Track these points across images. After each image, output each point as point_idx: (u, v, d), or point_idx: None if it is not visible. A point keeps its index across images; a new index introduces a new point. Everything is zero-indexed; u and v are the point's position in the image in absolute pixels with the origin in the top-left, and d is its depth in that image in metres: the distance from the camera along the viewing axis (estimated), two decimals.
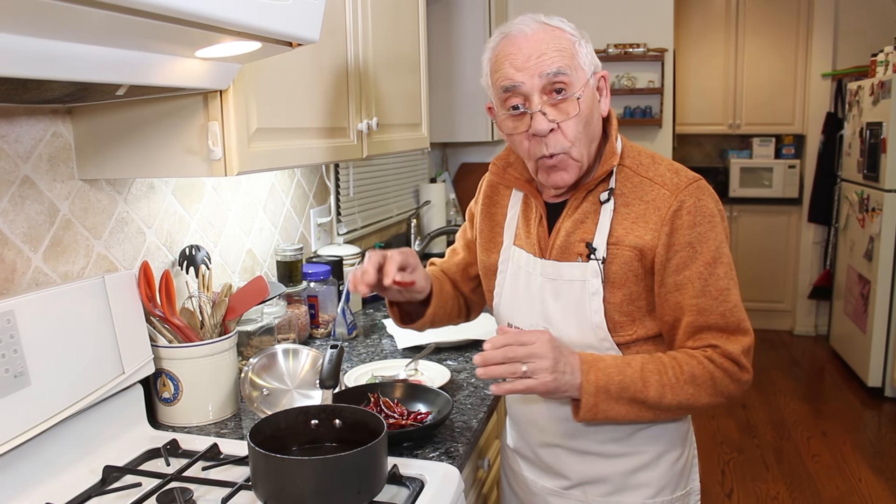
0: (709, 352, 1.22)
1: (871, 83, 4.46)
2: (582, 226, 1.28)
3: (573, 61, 1.21)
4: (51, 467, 1.25)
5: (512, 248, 1.40)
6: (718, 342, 1.22)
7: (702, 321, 1.23)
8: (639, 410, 1.21)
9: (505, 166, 1.41)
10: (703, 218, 1.23)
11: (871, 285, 4.36)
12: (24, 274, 1.31)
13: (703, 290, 1.22)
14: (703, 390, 1.21)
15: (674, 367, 1.21)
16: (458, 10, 3.46)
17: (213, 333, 1.55)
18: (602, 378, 1.18)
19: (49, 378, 1.22)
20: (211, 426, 1.51)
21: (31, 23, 0.80)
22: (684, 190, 1.24)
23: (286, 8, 1.01)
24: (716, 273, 1.23)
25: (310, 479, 1.06)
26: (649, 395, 1.19)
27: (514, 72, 1.20)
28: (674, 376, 1.20)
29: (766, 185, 5.66)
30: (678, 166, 1.30)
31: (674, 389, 1.20)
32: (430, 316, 1.46)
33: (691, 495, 1.42)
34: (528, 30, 1.21)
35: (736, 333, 1.23)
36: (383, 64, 1.93)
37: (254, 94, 1.33)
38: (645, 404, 1.20)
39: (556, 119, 1.20)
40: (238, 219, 1.97)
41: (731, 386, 1.23)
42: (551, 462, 1.39)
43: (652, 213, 1.24)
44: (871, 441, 3.82)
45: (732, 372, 1.22)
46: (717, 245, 1.24)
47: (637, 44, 4.24)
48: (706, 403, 1.23)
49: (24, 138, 1.31)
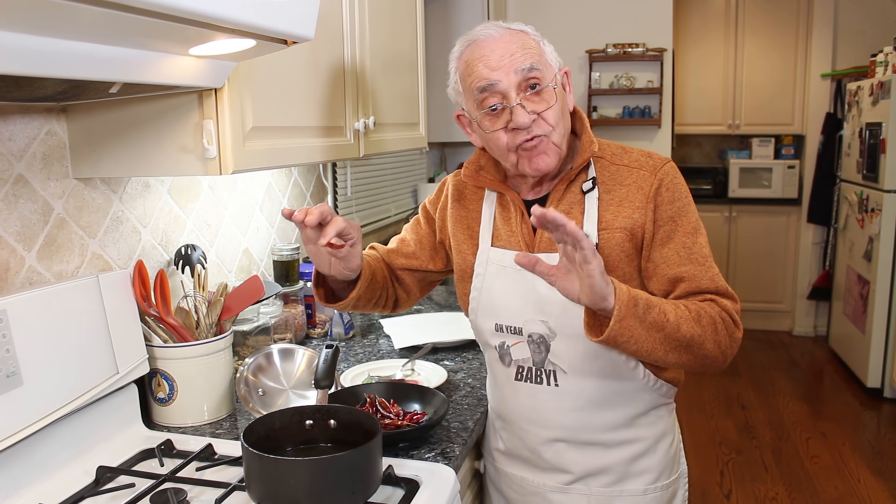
0: (709, 302, 1.27)
1: (871, 83, 4.46)
2: (569, 216, 1.30)
3: (542, 58, 1.28)
4: (44, 468, 1.24)
5: (491, 251, 1.40)
6: (714, 298, 1.27)
7: (694, 286, 1.27)
8: (656, 338, 1.18)
9: (477, 169, 1.43)
10: (679, 193, 1.31)
11: (871, 286, 4.36)
12: (18, 273, 1.31)
13: (689, 258, 1.28)
14: (708, 332, 1.23)
15: (685, 305, 1.24)
16: (457, 8, 3.46)
17: (209, 333, 1.55)
18: (633, 292, 1.16)
19: (42, 378, 1.21)
20: (206, 426, 1.50)
21: (22, 19, 0.79)
22: (661, 169, 1.31)
23: (281, 5, 1.01)
24: (698, 242, 1.29)
25: (304, 480, 1.06)
26: (669, 321, 1.18)
27: (489, 71, 1.25)
28: (686, 310, 1.22)
29: (766, 185, 5.65)
30: (648, 151, 1.36)
31: (687, 322, 1.21)
32: (354, 298, 1.40)
33: (681, 478, 1.48)
34: (495, 33, 1.28)
35: (726, 295, 1.28)
36: (380, 62, 1.92)
37: (249, 92, 1.32)
38: (664, 331, 1.18)
39: (536, 110, 1.25)
40: (234, 218, 1.96)
41: (728, 340, 1.26)
42: (552, 458, 1.39)
43: (635, 193, 1.30)
44: (871, 442, 3.81)
45: (728, 324, 1.26)
46: (695, 217, 1.31)
47: (636, 43, 4.24)
48: (709, 351, 1.23)
49: (17, 136, 1.30)
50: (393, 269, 1.54)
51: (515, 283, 1.35)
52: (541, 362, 1.35)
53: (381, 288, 1.47)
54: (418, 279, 1.56)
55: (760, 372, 4.88)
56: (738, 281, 5.66)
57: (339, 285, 1.41)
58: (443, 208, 1.52)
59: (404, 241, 1.56)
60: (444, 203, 1.52)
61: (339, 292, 1.43)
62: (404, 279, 1.54)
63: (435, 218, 1.53)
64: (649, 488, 1.39)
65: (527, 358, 1.36)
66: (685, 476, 1.50)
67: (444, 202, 1.52)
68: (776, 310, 5.74)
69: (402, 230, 1.61)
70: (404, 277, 1.54)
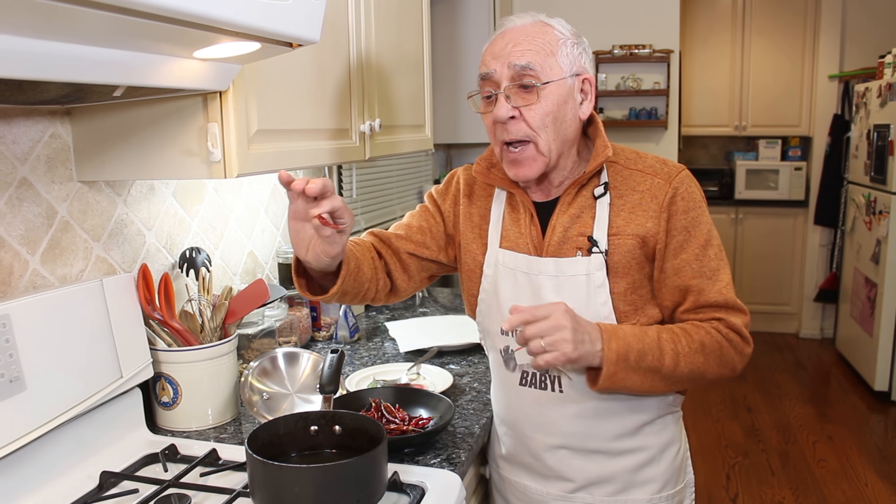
0: (714, 323, 1.28)
1: (879, 85, 4.43)
2: (579, 220, 1.30)
3: (548, 59, 1.24)
4: (47, 473, 1.23)
5: (499, 252, 1.38)
6: (721, 315, 1.28)
7: (702, 300, 1.28)
8: (653, 380, 1.24)
9: (489, 166, 1.41)
10: (694, 203, 1.29)
11: (878, 288, 4.33)
12: (22, 276, 1.30)
13: (699, 272, 1.28)
14: (712, 359, 1.25)
15: (686, 336, 1.25)
16: (463, 10, 3.45)
17: (213, 337, 1.54)
18: (622, 346, 1.21)
19: (45, 382, 1.21)
20: (210, 431, 1.50)
21: (26, 23, 0.78)
22: (676, 178, 1.29)
23: (286, 8, 1.00)
24: (707, 255, 1.28)
25: (308, 488, 1.05)
26: (665, 364, 1.23)
27: (490, 59, 1.26)
28: (686, 345, 1.24)
29: (772, 187, 5.63)
30: (663, 158, 1.35)
31: (686, 358, 1.24)
32: (338, 293, 1.32)
33: (688, 487, 1.46)
34: (519, 21, 1.28)
35: (734, 309, 1.29)
36: (386, 64, 1.91)
37: (254, 95, 1.32)
38: (660, 374, 1.24)
39: (518, 105, 1.24)
40: (239, 220, 1.95)
41: (736, 357, 1.28)
42: (555, 465, 1.37)
43: (649, 201, 1.28)
44: (878, 445, 3.79)
45: (737, 343, 1.27)
46: (707, 228, 1.30)
47: (643, 45, 4.22)
48: (714, 374, 1.27)
49: (21, 139, 1.29)
50: (398, 255, 1.46)
51: (522, 288, 1.34)
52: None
53: (368, 280, 1.38)
54: (424, 268, 1.49)
55: (767, 374, 4.86)
56: (745, 283, 5.64)
57: (322, 276, 1.33)
58: (454, 202, 1.49)
59: (412, 228, 1.48)
60: (454, 197, 1.49)
61: (323, 283, 1.35)
62: (410, 266, 1.47)
63: (444, 210, 1.49)
64: (654, 498, 1.37)
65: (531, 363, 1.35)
66: (692, 485, 1.48)
67: (454, 195, 1.49)
68: (783, 312, 5.71)
69: (404, 217, 1.53)
70: (410, 264, 1.47)
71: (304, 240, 1.20)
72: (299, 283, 1.33)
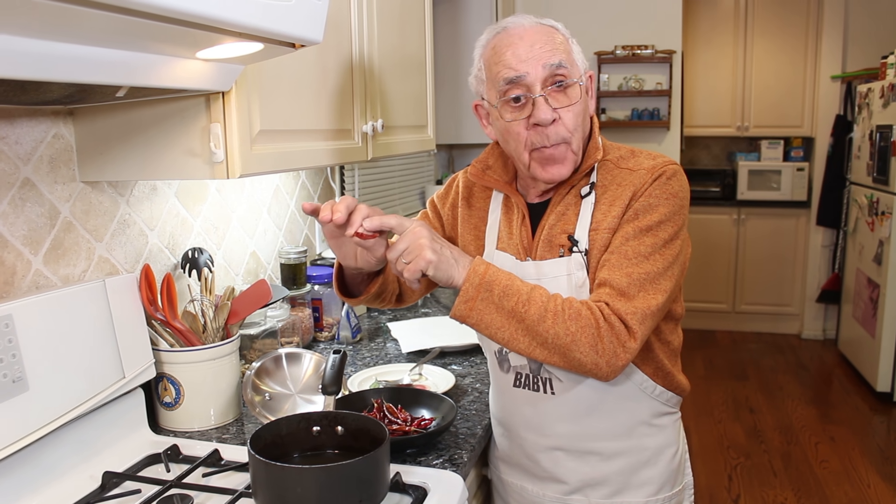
0: (600, 304, 1.18)
1: (881, 85, 4.43)
2: (563, 218, 1.30)
3: (570, 56, 1.26)
4: (50, 473, 1.23)
5: (495, 254, 1.38)
6: (610, 300, 1.18)
7: (605, 275, 1.20)
8: (515, 328, 1.17)
9: (484, 168, 1.41)
10: (662, 192, 1.23)
11: (881, 289, 4.33)
12: (24, 277, 1.30)
13: (619, 248, 1.21)
14: (585, 335, 1.15)
15: (564, 301, 1.18)
16: (465, 10, 3.44)
17: (216, 337, 1.54)
18: (490, 274, 1.18)
19: (48, 383, 1.21)
20: (213, 431, 1.50)
21: (29, 24, 0.78)
22: (659, 168, 1.25)
23: (289, 8, 1.00)
24: (643, 241, 1.20)
25: (310, 488, 1.04)
26: (529, 313, 1.16)
27: (517, 62, 1.22)
28: (560, 306, 1.17)
29: (775, 187, 5.62)
30: (656, 153, 1.30)
31: (555, 317, 1.16)
32: (375, 293, 1.39)
33: (686, 490, 1.44)
34: (527, 24, 1.25)
35: (633, 298, 1.17)
36: (389, 65, 1.91)
37: (257, 95, 1.32)
38: (523, 323, 1.16)
39: (558, 106, 1.22)
40: (242, 221, 1.95)
41: (616, 347, 1.16)
42: (550, 467, 1.37)
43: (627, 192, 1.25)
44: (881, 447, 3.78)
45: (619, 331, 1.16)
46: (659, 220, 1.21)
47: (645, 45, 4.22)
48: (585, 352, 1.16)
49: (24, 140, 1.29)
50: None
51: None
52: (537, 369, 1.33)
53: (391, 282, 1.44)
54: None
55: (769, 375, 4.85)
56: (747, 284, 5.64)
57: (354, 279, 1.39)
58: (453, 206, 1.49)
59: None
60: (453, 201, 1.49)
61: (353, 287, 1.41)
62: None
63: (444, 214, 1.51)
64: (650, 500, 1.36)
65: (524, 364, 1.34)
66: (690, 487, 1.46)
67: (453, 199, 1.49)
68: (785, 313, 5.70)
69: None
70: None
71: (349, 254, 1.27)
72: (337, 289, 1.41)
